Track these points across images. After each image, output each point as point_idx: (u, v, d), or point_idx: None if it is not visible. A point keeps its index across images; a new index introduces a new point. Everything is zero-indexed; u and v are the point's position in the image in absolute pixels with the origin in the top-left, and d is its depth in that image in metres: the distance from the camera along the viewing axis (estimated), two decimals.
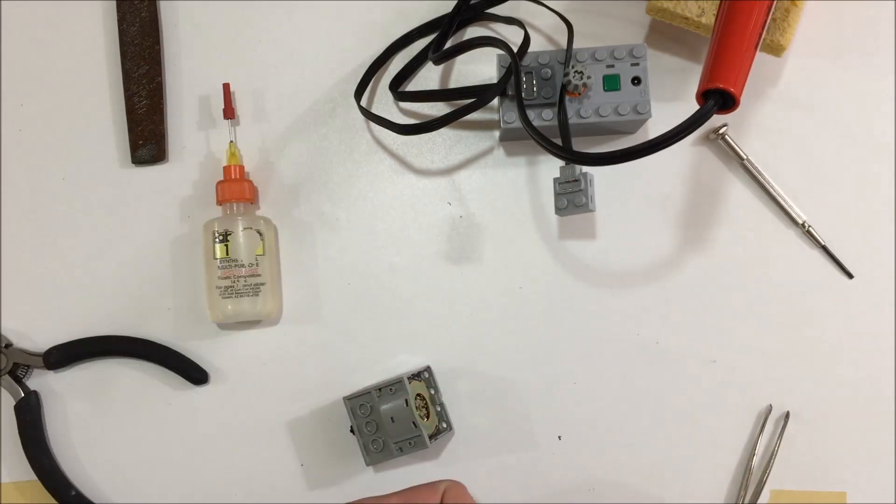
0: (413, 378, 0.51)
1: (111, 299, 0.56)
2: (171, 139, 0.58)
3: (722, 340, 0.54)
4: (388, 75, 0.57)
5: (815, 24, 0.56)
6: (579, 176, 0.51)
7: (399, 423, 0.50)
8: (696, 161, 0.56)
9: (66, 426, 0.56)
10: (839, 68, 0.56)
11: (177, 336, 0.56)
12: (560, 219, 0.56)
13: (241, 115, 0.58)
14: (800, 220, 0.55)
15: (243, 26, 0.58)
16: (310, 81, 0.58)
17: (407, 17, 0.58)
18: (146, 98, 0.57)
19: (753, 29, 0.45)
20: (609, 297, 0.55)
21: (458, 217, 0.56)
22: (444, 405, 0.54)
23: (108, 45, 0.59)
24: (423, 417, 0.50)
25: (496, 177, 0.56)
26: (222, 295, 0.53)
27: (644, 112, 0.51)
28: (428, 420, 0.51)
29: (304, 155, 0.57)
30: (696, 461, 0.53)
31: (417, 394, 0.51)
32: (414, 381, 0.51)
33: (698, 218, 0.55)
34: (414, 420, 0.49)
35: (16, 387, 0.55)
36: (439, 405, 0.53)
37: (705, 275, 0.55)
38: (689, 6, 0.52)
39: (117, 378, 0.56)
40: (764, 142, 0.55)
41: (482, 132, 0.57)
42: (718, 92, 0.44)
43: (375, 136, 0.57)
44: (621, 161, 0.45)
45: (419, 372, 0.53)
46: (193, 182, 0.57)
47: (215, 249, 0.54)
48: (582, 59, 0.52)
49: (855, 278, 0.54)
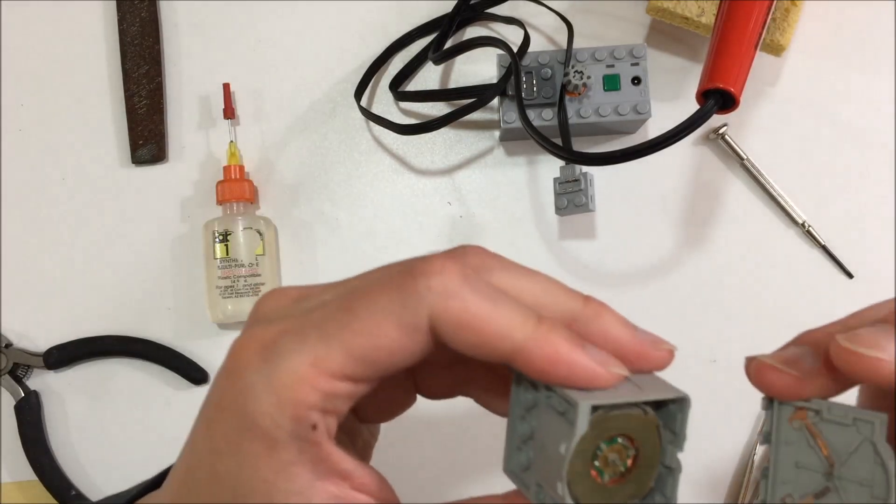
0: (626, 408, 0.24)
1: (111, 299, 0.56)
2: (171, 139, 0.58)
3: (722, 340, 0.54)
4: (388, 75, 0.57)
5: (814, 23, 0.56)
6: (579, 176, 0.51)
7: (546, 459, 0.24)
8: (696, 161, 0.56)
9: (66, 426, 0.56)
10: (839, 68, 0.56)
11: (177, 336, 0.56)
12: (560, 219, 0.56)
13: (241, 114, 0.58)
14: (800, 220, 0.55)
15: (243, 26, 0.58)
16: (310, 81, 0.58)
17: (407, 17, 0.58)
18: (146, 98, 0.57)
19: (753, 29, 0.45)
20: (609, 296, 0.55)
21: (459, 217, 0.56)
22: (675, 471, 0.26)
23: (108, 44, 0.59)
24: (606, 474, 0.25)
25: (496, 177, 0.56)
26: (222, 295, 0.53)
27: (644, 112, 0.51)
28: (621, 482, 0.25)
29: (304, 155, 0.57)
30: (696, 461, 0.53)
31: (619, 435, 0.24)
32: (626, 412, 0.24)
33: (698, 218, 0.55)
34: (563, 474, 0.23)
35: (16, 387, 0.55)
36: (669, 467, 0.26)
37: (705, 274, 0.55)
38: (689, 6, 0.52)
39: (117, 378, 0.56)
40: (764, 142, 0.55)
41: (482, 132, 0.57)
42: (718, 92, 0.44)
43: (375, 136, 0.57)
44: (621, 161, 0.45)
45: (661, 402, 0.25)
46: (193, 182, 0.57)
47: (215, 249, 0.54)
48: (582, 59, 0.52)
49: (855, 278, 0.54)
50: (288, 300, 0.26)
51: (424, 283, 0.23)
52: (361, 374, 0.24)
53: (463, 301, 0.23)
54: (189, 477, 0.25)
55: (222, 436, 0.24)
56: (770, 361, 0.24)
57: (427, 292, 0.23)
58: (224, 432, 0.24)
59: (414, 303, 0.23)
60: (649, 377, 0.26)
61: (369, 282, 0.24)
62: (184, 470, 0.26)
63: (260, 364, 0.24)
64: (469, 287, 0.23)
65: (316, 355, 0.23)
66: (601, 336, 0.25)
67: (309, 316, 0.24)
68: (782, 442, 0.23)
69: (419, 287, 0.23)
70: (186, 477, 0.25)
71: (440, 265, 0.23)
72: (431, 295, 0.23)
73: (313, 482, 0.24)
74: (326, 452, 0.24)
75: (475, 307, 0.23)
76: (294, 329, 0.24)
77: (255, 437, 0.23)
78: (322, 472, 0.24)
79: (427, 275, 0.23)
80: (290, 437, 0.23)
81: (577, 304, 0.25)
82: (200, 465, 0.25)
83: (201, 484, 0.25)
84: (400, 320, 0.23)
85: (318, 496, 0.24)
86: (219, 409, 0.24)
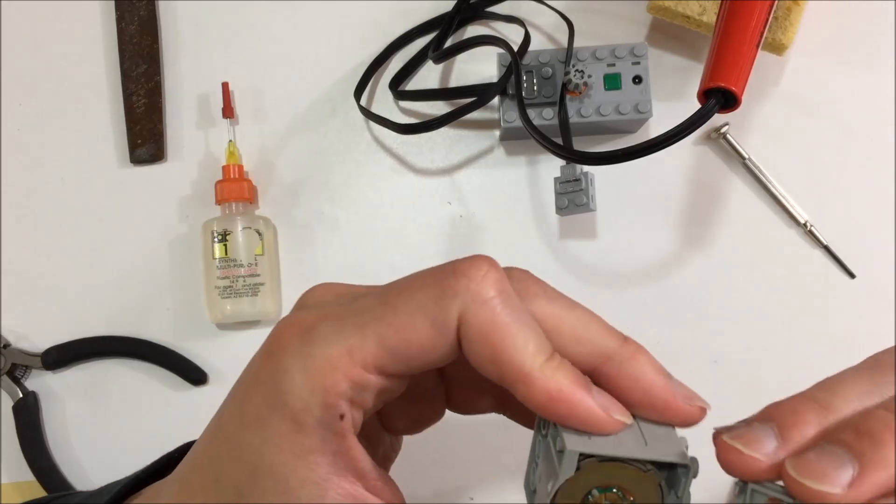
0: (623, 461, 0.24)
1: (110, 299, 0.56)
2: (169, 138, 0.57)
3: (723, 340, 0.54)
4: (388, 75, 0.57)
5: (816, 22, 0.56)
6: (580, 175, 0.50)
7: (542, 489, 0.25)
8: (697, 160, 0.55)
9: (64, 427, 0.56)
10: (841, 67, 0.56)
11: (175, 336, 0.56)
12: (560, 218, 0.56)
13: (241, 114, 0.57)
14: (801, 220, 0.54)
15: (243, 26, 0.58)
16: (310, 81, 0.58)
17: (407, 17, 0.57)
18: (145, 97, 0.57)
19: (755, 28, 0.45)
20: (609, 296, 0.54)
21: (459, 217, 0.56)
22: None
23: (107, 44, 0.58)
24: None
25: (496, 176, 0.56)
26: (221, 295, 0.53)
27: (645, 111, 0.51)
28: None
29: (303, 155, 0.57)
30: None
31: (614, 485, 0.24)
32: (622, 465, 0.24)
33: (699, 217, 0.55)
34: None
35: (14, 387, 0.55)
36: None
37: (706, 274, 0.55)
38: (691, 5, 0.51)
39: (116, 378, 0.56)
40: (765, 141, 0.55)
41: (482, 131, 0.57)
42: (720, 91, 0.44)
43: (375, 135, 0.57)
44: (622, 160, 0.45)
45: (665, 464, 0.25)
46: (192, 181, 0.57)
47: (214, 249, 0.53)
48: (582, 58, 0.52)
49: (857, 278, 0.54)
50: (333, 294, 0.27)
51: (464, 283, 0.23)
52: (393, 367, 0.24)
53: (492, 311, 0.23)
54: (212, 447, 0.25)
55: (253, 410, 0.24)
56: (731, 442, 0.23)
57: (464, 292, 0.23)
58: (255, 407, 0.24)
59: (448, 301, 0.23)
60: (664, 430, 0.25)
61: (413, 278, 0.25)
62: (207, 440, 0.26)
63: (298, 346, 0.24)
64: (502, 299, 0.23)
65: (351, 344, 0.23)
66: (632, 378, 0.25)
67: (350, 306, 0.24)
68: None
69: (458, 286, 0.23)
70: (209, 447, 0.26)
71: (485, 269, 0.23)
72: (466, 295, 0.23)
73: (330, 476, 0.24)
74: (348, 446, 0.24)
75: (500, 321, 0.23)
76: (334, 315, 0.24)
77: (284, 417, 0.23)
78: (340, 466, 0.24)
79: (468, 276, 0.23)
80: (317, 424, 0.23)
81: (615, 342, 0.25)
82: (226, 436, 0.25)
83: (222, 454, 0.25)
84: (433, 316, 0.23)
85: (332, 490, 0.24)
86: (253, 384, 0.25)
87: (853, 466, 0.20)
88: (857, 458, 0.21)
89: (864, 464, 0.20)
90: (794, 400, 0.23)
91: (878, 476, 0.20)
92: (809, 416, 0.23)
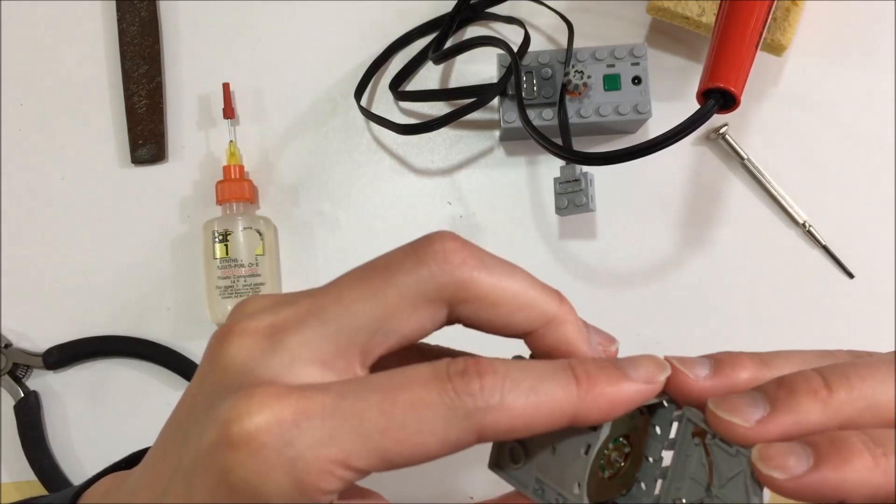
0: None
1: (111, 299, 0.56)
2: (170, 139, 0.58)
3: (722, 340, 0.54)
4: (388, 75, 0.57)
5: (815, 23, 0.56)
6: (580, 176, 0.51)
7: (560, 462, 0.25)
8: (696, 161, 0.56)
9: (65, 426, 0.56)
10: (840, 68, 0.56)
11: (176, 336, 0.56)
12: (560, 219, 0.56)
13: (241, 114, 0.57)
14: (800, 220, 0.54)
15: (243, 26, 0.58)
16: (310, 81, 0.58)
17: (407, 17, 0.57)
18: (146, 98, 0.57)
19: (754, 28, 0.45)
20: (609, 296, 0.55)
21: (459, 217, 0.56)
22: (657, 462, 0.26)
23: (108, 44, 0.58)
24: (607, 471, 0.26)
25: (496, 177, 0.56)
26: (222, 295, 0.53)
27: (644, 111, 0.51)
28: (615, 477, 0.26)
29: (304, 155, 0.57)
30: None
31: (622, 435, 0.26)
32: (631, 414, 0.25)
33: (699, 218, 0.55)
34: (585, 475, 0.24)
35: (15, 387, 0.55)
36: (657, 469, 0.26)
37: (706, 274, 0.55)
38: (690, 5, 0.52)
39: (117, 378, 0.56)
40: (764, 141, 0.55)
41: (482, 132, 0.57)
42: (719, 91, 0.44)
43: (375, 135, 0.57)
44: (622, 161, 0.45)
45: (655, 404, 0.26)
46: (193, 182, 0.57)
47: (215, 249, 0.53)
48: (582, 59, 0.52)
49: (856, 278, 0.54)
50: (269, 302, 0.26)
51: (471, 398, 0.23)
52: (384, 468, 0.23)
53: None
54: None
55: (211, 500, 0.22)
56: (671, 359, 0.24)
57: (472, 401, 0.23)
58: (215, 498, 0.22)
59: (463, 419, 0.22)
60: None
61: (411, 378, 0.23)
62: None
63: (282, 447, 0.21)
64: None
65: (349, 452, 0.22)
66: (563, 342, 0.26)
67: (342, 401, 0.22)
68: (683, 453, 0.24)
69: (466, 403, 0.22)
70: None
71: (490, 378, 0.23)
72: (477, 401, 0.23)
73: None
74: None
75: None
76: (322, 413, 0.22)
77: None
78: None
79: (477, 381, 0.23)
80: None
81: (554, 305, 0.26)
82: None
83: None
84: (447, 441, 0.22)
85: None
86: (227, 484, 0.22)
87: (765, 408, 0.22)
88: (771, 402, 0.22)
89: (775, 407, 0.22)
90: (742, 352, 0.25)
91: (785, 419, 0.22)
92: (746, 363, 0.24)
